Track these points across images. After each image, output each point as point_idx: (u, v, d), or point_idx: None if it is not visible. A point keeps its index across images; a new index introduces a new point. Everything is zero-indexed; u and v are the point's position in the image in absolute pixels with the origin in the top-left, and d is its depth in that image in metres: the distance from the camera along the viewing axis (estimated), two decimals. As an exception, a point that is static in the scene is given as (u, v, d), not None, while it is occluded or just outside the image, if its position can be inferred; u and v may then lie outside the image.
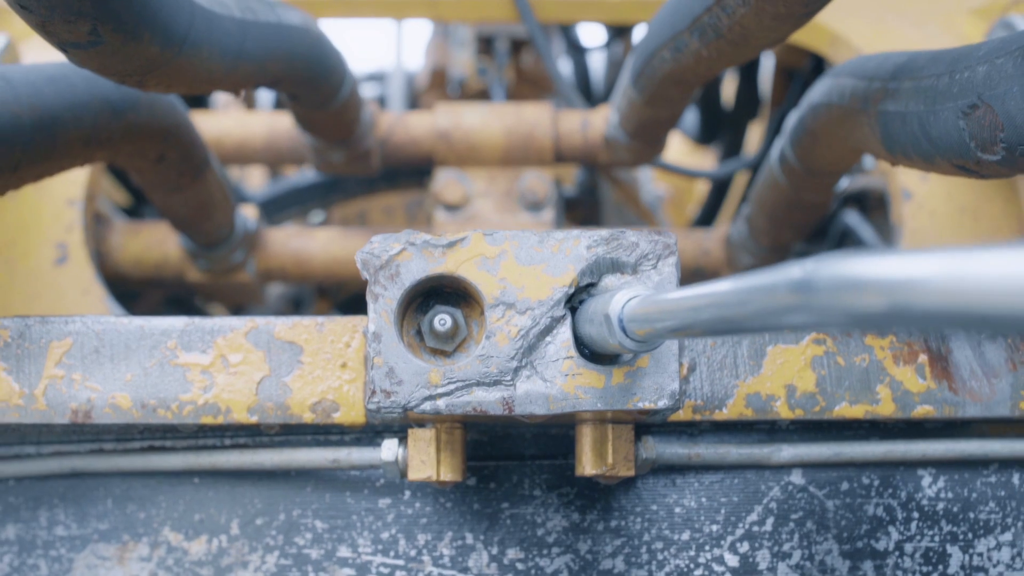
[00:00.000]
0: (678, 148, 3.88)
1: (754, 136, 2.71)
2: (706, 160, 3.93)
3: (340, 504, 1.02)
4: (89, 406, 0.96)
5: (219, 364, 0.97)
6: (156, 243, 1.82)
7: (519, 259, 0.86)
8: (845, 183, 1.63)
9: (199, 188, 1.55)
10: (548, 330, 0.85)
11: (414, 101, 3.67)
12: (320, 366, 0.97)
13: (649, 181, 3.26)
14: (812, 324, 0.44)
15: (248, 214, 1.81)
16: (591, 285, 0.87)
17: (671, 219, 3.81)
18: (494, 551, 1.01)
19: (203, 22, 1.04)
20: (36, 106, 1.08)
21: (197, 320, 0.98)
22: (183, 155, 1.45)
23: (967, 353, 0.98)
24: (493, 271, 0.86)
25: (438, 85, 3.31)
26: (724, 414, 0.97)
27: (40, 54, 1.64)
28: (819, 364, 0.97)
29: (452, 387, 0.84)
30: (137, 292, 2.06)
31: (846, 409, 0.96)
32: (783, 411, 0.96)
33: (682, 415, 0.97)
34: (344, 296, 3.00)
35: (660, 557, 0.99)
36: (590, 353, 0.85)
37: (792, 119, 1.48)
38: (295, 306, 3.10)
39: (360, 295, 2.38)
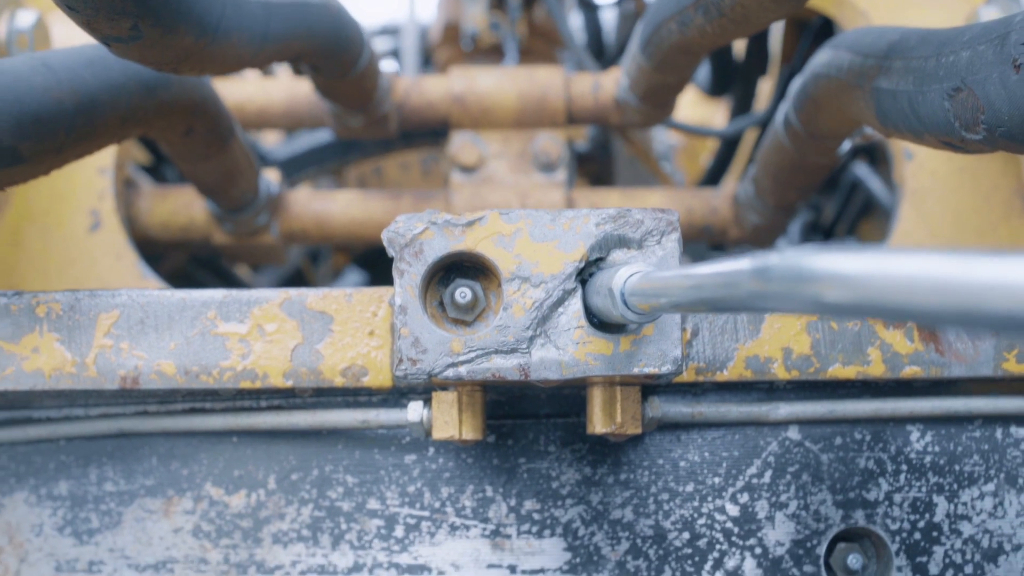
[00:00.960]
0: (690, 99, 3.92)
1: (764, 90, 2.76)
2: (718, 110, 3.98)
3: (369, 460, 1.11)
4: (136, 373, 1.05)
5: (256, 333, 1.05)
6: (183, 207, 1.90)
7: (533, 236, 0.94)
8: (848, 145, 1.69)
9: (225, 157, 1.62)
10: (560, 302, 0.93)
11: (427, 55, 3.72)
12: (349, 334, 1.05)
13: (661, 132, 3.31)
14: (774, 308, 0.51)
15: (271, 178, 1.89)
16: (600, 259, 0.94)
17: (684, 169, 3.87)
18: (512, 502, 1.10)
19: (232, 10, 1.11)
20: (77, 91, 1.16)
21: (234, 292, 1.06)
22: (210, 127, 1.52)
23: (953, 317, 1.05)
24: (509, 248, 0.93)
25: (451, 40, 3.35)
26: (725, 375, 1.05)
27: (67, 27, 1.71)
28: (814, 328, 1.05)
29: (473, 355, 0.93)
30: (159, 254, 2.14)
31: (839, 370, 1.04)
32: (780, 372, 1.04)
33: (686, 376, 1.05)
34: (360, 250, 3.08)
35: (666, 507, 1.08)
36: (599, 322, 0.93)
37: (796, 85, 1.54)
38: (312, 259, 3.18)
39: (375, 249, 2.44)
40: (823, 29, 2.31)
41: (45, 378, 1.05)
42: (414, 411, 1.03)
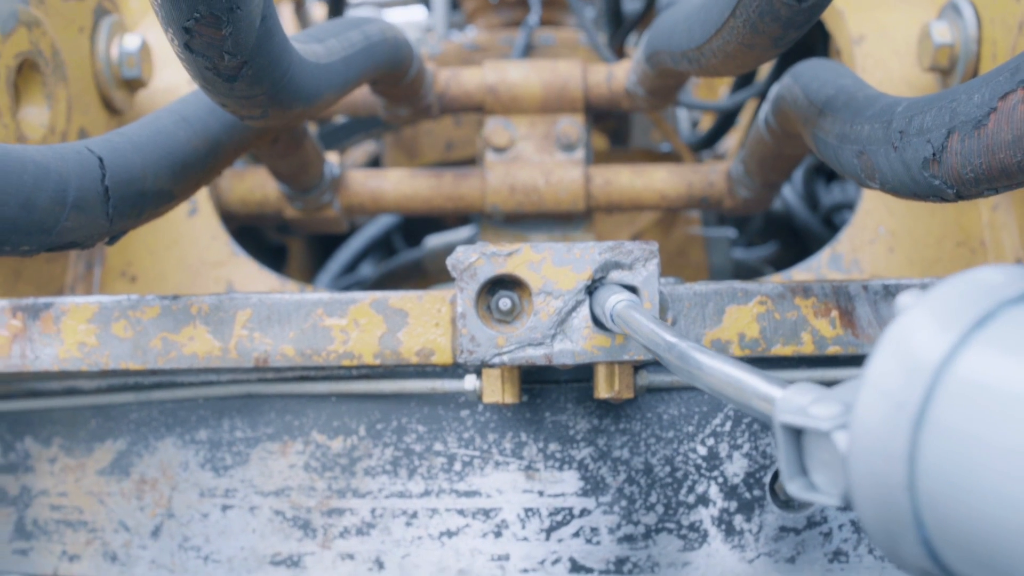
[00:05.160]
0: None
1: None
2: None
3: (435, 415, 1.56)
4: (266, 355, 1.50)
5: (352, 325, 1.50)
6: (258, 186, 2.34)
7: (555, 262, 1.37)
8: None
9: (300, 153, 2.05)
10: (574, 309, 1.37)
11: (455, 3, 4.10)
12: (421, 325, 1.49)
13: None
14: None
15: (333, 161, 2.32)
16: (602, 277, 1.38)
17: (703, 99, 4.25)
18: (540, 445, 1.55)
19: (326, 78, 1.53)
20: (208, 137, 1.59)
21: (336, 295, 1.50)
22: (290, 134, 1.95)
23: (866, 309, 1.49)
24: (538, 270, 1.37)
25: (479, -6, 3.73)
26: (696, 353, 1.49)
27: (164, 45, 2.14)
28: (762, 318, 1.48)
29: (512, 347, 1.37)
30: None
31: (780, 349, 1.48)
32: (736, 351, 1.48)
33: (667, 354, 1.49)
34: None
35: (653, 448, 1.53)
36: (600, 324, 1.37)
37: (773, 91, 1.95)
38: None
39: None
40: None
41: (199, 359, 1.51)
42: (469, 382, 1.48)
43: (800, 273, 2.14)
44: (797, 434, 0.74)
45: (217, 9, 1.10)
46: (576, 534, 1.52)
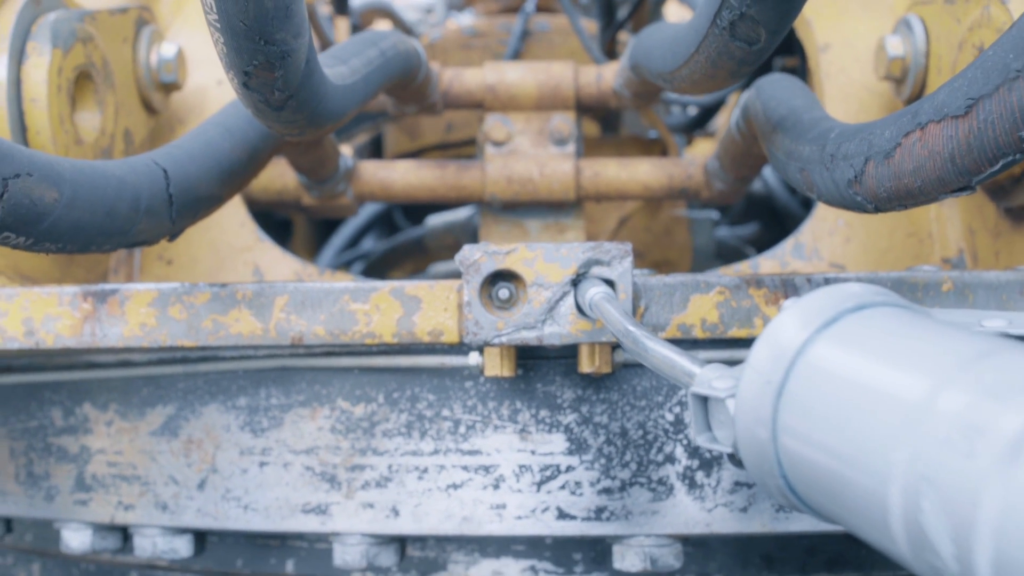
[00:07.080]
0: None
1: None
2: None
3: (442, 385, 1.89)
4: (301, 335, 1.82)
5: (374, 309, 1.82)
6: (278, 176, 2.65)
7: (546, 259, 1.69)
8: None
9: (319, 151, 2.36)
10: (561, 299, 1.69)
11: (457, -11, 4.39)
12: (432, 309, 1.81)
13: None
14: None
15: (347, 154, 2.64)
16: (585, 272, 1.70)
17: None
18: (533, 411, 1.88)
19: (351, 97, 1.84)
20: (248, 146, 1.90)
21: (361, 284, 1.82)
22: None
23: (809, 298, 1.81)
24: (531, 265, 1.69)
25: (480, -14, 4.03)
26: (664, 335, 1.81)
27: (197, 49, 2.45)
28: (721, 306, 1.80)
29: (510, 330, 1.69)
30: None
31: (736, 332, 1.80)
32: (699, 333, 1.80)
33: (641, 335, 1.81)
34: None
35: (628, 415, 1.86)
36: (583, 311, 1.69)
37: (742, 99, 2.26)
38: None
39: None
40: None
41: (244, 337, 1.82)
42: (473, 358, 1.80)
43: (766, 260, 2.46)
44: (705, 401, 1.07)
45: (272, 57, 1.41)
46: (562, 487, 1.85)
